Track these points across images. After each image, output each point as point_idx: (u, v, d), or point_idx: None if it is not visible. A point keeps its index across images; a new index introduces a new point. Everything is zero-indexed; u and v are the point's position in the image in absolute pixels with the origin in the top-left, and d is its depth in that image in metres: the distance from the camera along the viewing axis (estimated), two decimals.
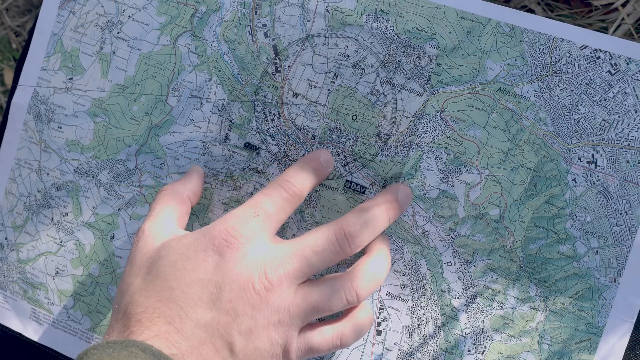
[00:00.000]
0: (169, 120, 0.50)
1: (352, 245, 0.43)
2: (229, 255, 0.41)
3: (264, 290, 0.41)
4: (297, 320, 0.42)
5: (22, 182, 0.54)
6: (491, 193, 0.45)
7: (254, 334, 0.41)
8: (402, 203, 0.45)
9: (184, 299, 0.40)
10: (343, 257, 0.43)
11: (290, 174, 0.45)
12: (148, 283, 0.42)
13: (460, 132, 0.46)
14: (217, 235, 0.42)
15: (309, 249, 0.42)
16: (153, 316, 0.40)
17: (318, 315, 0.42)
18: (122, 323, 0.41)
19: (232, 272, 0.41)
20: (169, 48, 0.50)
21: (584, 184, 0.44)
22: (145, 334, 0.39)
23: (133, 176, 0.51)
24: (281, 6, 0.49)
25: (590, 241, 0.44)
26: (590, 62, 0.44)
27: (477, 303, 0.45)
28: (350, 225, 0.43)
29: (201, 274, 0.41)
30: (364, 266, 0.44)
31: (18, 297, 0.54)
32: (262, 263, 0.42)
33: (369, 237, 0.43)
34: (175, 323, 0.40)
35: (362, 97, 0.47)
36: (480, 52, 0.46)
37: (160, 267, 0.42)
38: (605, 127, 0.44)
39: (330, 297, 0.42)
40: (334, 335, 0.43)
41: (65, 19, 0.53)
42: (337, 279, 0.43)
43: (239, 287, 0.41)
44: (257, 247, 0.42)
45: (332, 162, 0.47)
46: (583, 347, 0.44)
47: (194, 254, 0.42)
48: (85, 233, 0.52)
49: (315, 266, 0.42)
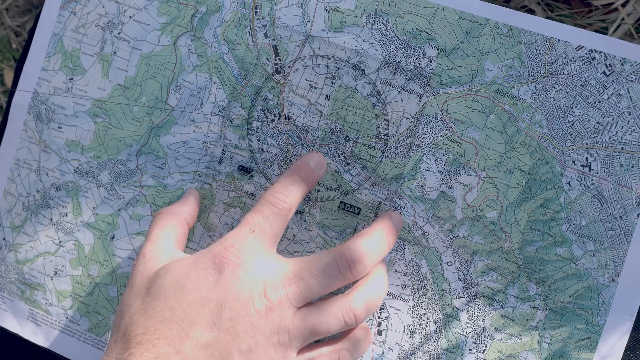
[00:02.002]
0: (170, 120, 0.50)
1: (353, 271, 0.43)
2: (229, 272, 0.42)
3: (264, 309, 0.41)
4: (296, 342, 0.42)
5: (21, 182, 0.54)
6: (488, 195, 0.46)
7: (253, 353, 0.41)
8: (397, 229, 0.46)
9: (185, 318, 0.41)
10: (344, 283, 0.43)
11: (278, 188, 0.45)
12: (148, 304, 0.42)
13: (459, 133, 0.46)
14: (217, 253, 0.43)
15: (308, 272, 0.43)
16: (153, 337, 0.40)
17: (317, 337, 0.43)
18: (122, 344, 0.41)
19: (233, 290, 0.41)
20: (170, 48, 0.51)
21: (578, 188, 0.45)
22: (145, 356, 0.39)
23: (134, 176, 0.51)
24: (281, 6, 0.49)
25: (587, 244, 0.45)
26: (585, 62, 0.45)
27: (477, 302, 0.46)
28: (352, 251, 0.43)
29: (202, 292, 0.41)
30: (361, 288, 0.44)
31: (15, 298, 0.53)
32: (262, 282, 0.42)
33: (371, 264, 0.44)
34: (176, 344, 0.40)
35: (362, 98, 0.47)
36: (479, 53, 0.46)
37: (160, 287, 0.42)
38: (599, 129, 0.44)
39: (328, 319, 0.42)
40: (332, 357, 0.43)
41: (66, 19, 0.53)
42: (335, 301, 0.43)
43: (240, 305, 0.41)
44: (257, 263, 0.43)
45: (323, 163, 0.47)
46: (583, 346, 0.44)
47: (194, 273, 0.42)
48: (84, 233, 0.52)
49: (314, 290, 0.42)
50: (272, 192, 0.45)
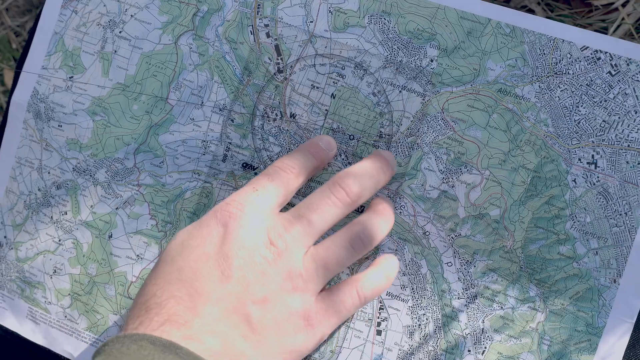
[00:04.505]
0: (169, 119, 0.50)
1: (350, 193, 0.43)
2: (232, 225, 0.41)
3: (272, 256, 0.41)
4: (312, 284, 0.41)
5: (23, 180, 0.54)
6: (492, 194, 0.45)
7: (269, 302, 0.40)
8: (390, 159, 0.46)
9: (193, 276, 0.40)
10: (344, 209, 0.43)
11: (287, 158, 0.45)
12: (156, 271, 0.42)
13: (460, 132, 0.46)
14: (218, 209, 0.42)
15: (306, 209, 0.42)
16: (161, 300, 0.39)
17: (330, 274, 0.42)
18: (133, 313, 0.40)
19: (238, 240, 0.41)
20: (171, 47, 0.51)
21: (583, 185, 0.44)
22: (155, 321, 0.38)
23: (131, 175, 0.51)
24: (284, 6, 0.49)
25: (590, 242, 0.44)
26: (590, 63, 0.44)
27: (477, 303, 0.45)
28: (344, 175, 0.43)
29: (207, 247, 0.41)
30: (365, 215, 0.44)
31: (15, 296, 0.53)
32: (265, 231, 0.42)
33: (366, 185, 0.43)
34: (186, 302, 0.39)
35: (364, 98, 0.47)
36: (481, 52, 0.46)
37: (167, 252, 0.42)
38: (605, 128, 0.44)
39: (337, 249, 0.42)
40: (350, 291, 0.43)
41: (68, 18, 0.53)
42: (341, 230, 0.43)
43: (247, 253, 0.40)
44: (259, 217, 0.42)
45: (333, 145, 0.47)
46: (583, 348, 0.44)
47: (198, 231, 0.42)
48: (83, 232, 0.52)
49: (317, 224, 0.42)
50: (279, 160, 0.45)
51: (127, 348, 0.36)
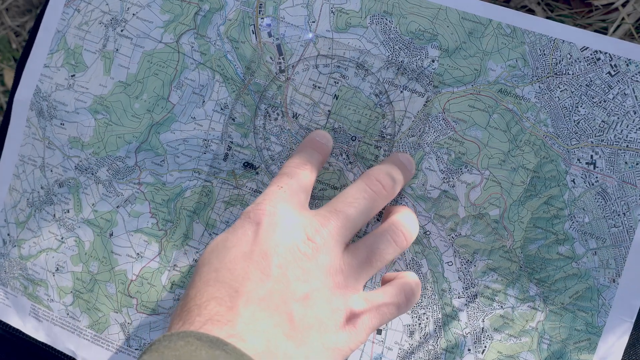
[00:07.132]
0: (170, 117, 0.51)
1: (386, 185, 0.43)
2: (267, 222, 0.40)
3: (311, 252, 0.40)
4: (352, 280, 0.41)
5: (26, 178, 0.54)
6: (491, 193, 0.46)
7: (311, 299, 0.39)
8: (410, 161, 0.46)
9: (231, 276, 0.39)
10: (380, 202, 0.43)
11: (293, 160, 0.45)
12: (194, 275, 0.41)
13: (461, 132, 0.46)
14: (250, 210, 0.42)
15: (342, 204, 0.42)
16: (201, 302, 0.38)
17: (372, 271, 0.41)
18: (175, 317, 0.39)
19: (275, 237, 0.40)
20: (172, 46, 0.51)
21: (582, 185, 0.45)
22: (197, 321, 0.37)
23: (132, 173, 0.51)
24: (285, 6, 0.49)
25: (589, 242, 0.44)
26: (590, 63, 0.45)
27: (477, 302, 0.46)
28: (377, 170, 0.43)
29: (243, 247, 0.40)
30: (398, 214, 0.44)
31: (18, 294, 0.54)
32: (302, 227, 0.41)
33: (399, 178, 0.44)
34: (226, 302, 0.38)
35: (366, 98, 0.47)
36: (482, 53, 0.46)
37: (204, 256, 0.41)
38: (604, 128, 0.44)
39: (379, 245, 0.42)
40: (397, 291, 0.42)
41: (70, 16, 0.53)
42: (380, 227, 0.43)
43: (286, 250, 0.40)
44: (293, 213, 0.41)
45: (328, 136, 0.47)
46: (582, 347, 0.44)
47: (232, 233, 0.41)
48: (85, 230, 0.52)
49: (355, 218, 0.42)
50: (290, 161, 0.45)
51: (174, 344, 0.36)
